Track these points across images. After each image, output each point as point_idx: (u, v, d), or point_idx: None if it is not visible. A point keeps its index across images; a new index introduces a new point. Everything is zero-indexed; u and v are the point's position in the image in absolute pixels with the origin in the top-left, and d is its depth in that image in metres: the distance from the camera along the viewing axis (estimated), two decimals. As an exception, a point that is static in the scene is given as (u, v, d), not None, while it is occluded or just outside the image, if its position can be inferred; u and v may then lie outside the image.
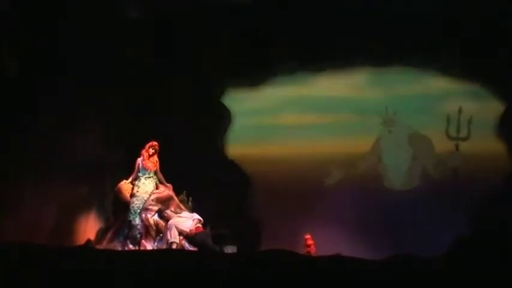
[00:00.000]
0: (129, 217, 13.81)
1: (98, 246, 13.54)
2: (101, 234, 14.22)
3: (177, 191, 14.44)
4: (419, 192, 17.62)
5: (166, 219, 13.86)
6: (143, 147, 14.34)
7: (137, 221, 13.77)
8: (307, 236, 15.54)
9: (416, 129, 18.00)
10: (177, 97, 17.77)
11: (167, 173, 14.37)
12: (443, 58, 17.42)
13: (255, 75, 18.40)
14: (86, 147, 16.81)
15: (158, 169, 14.24)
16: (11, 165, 15.49)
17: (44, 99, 16.01)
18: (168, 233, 13.62)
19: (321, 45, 17.65)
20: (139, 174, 14.16)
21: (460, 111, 17.63)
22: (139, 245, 13.58)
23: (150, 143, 14.30)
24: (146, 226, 13.75)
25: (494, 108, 17.43)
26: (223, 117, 18.51)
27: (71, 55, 16.30)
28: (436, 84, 17.75)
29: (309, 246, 15.35)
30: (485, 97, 17.44)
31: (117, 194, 14.19)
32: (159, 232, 13.80)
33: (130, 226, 13.74)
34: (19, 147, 15.67)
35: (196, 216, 14.00)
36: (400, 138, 18.04)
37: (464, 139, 17.65)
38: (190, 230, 13.71)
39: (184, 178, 14.87)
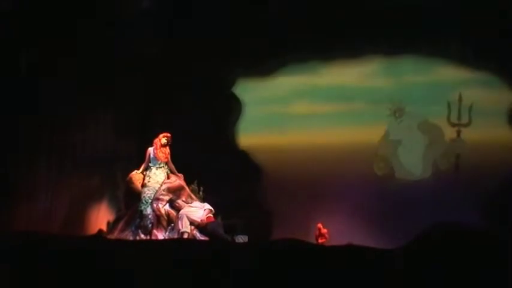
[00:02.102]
0: (141, 207, 13.81)
1: (110, 236, 13.56)
2: (113, 224, 14.27)
3: (188, 180, 14.46)
4: (430, 182, 17.57)
5: (178, 209, 13.84)
6: (155, 138, 14.35)
7: (148, 210, 13.78)
8: (320, 225, 15.52)
9: (427, 118, 17.93)
10: (188, 87, 17.79)
11: (178, 163, 14.38)
12: (453, 47, 17.36)
13: (266, 64, 18.37)
14: (98, 139, 16.90)
15: (169, 159, 14.25)
16: (25, 156, 15.57)
17: (55, 91, 16.06)
18: (180, 222, 13.60)
19: (332, 34, 17.62)
20: (151, 165, 14.16)
21: (460, 98, 17.58)
22: (150, 235, 13.59)
23: (164, 134, 14.29)
24: (157, 216, 13.75)
25: (505, 97, 17.36)
26: (234, 107, 18.51)
27: (80, 44, 16.36)
28: (447, 73, 17.70)
29: (322, 235, 15.33)
30: (496, 86, 17.36)
31: (129, 184, 14.21)
32: (170, 222, 13.78)
33: (142, 216, 13.74)
34: (31, 139, 15.74)
35: (207, 206, 13.98)
36: (411, 127, 17.98)
37: (466, 125, 17.61)
38: (201, 220, 13.70)
39: (195, 168, 14.88)
